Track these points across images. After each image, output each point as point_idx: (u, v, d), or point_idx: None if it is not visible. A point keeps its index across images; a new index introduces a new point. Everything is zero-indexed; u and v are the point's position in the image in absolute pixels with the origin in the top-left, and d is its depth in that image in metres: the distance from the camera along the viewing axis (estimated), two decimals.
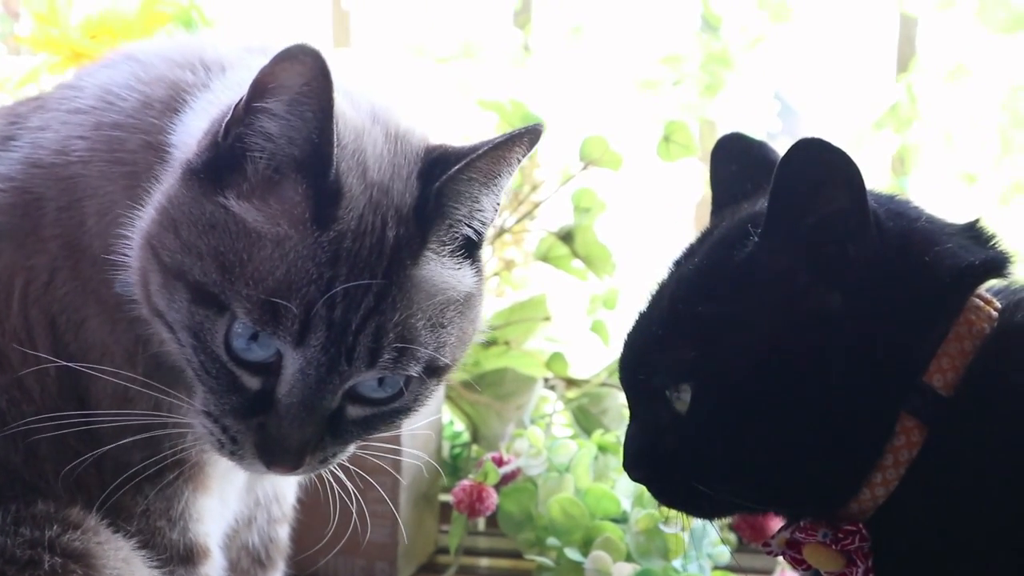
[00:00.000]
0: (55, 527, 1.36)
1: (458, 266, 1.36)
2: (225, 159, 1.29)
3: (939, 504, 1.17)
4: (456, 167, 1.31)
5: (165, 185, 1.32)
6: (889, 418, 1.19)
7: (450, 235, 1.35)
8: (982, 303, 1.22)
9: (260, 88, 1.26)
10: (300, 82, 1.23)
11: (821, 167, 1.16)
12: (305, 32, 1.39)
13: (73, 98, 1.46)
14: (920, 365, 1.19)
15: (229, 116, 1.28)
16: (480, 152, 1.31)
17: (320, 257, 1.25)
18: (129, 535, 1.43)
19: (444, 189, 1.32)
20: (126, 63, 1.48)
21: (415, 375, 1.33)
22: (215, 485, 1.52)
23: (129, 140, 1.40)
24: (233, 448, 1.32)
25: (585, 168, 2.22)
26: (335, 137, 1.25)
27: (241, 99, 1.27)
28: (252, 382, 1.29)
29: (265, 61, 1.27)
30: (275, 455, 1.30)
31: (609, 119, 2.52)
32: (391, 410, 1.37)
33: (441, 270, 1.34)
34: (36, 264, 1.42)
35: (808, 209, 1.18)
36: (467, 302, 1.37)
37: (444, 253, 1.35)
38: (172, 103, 1.41)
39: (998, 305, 1.23)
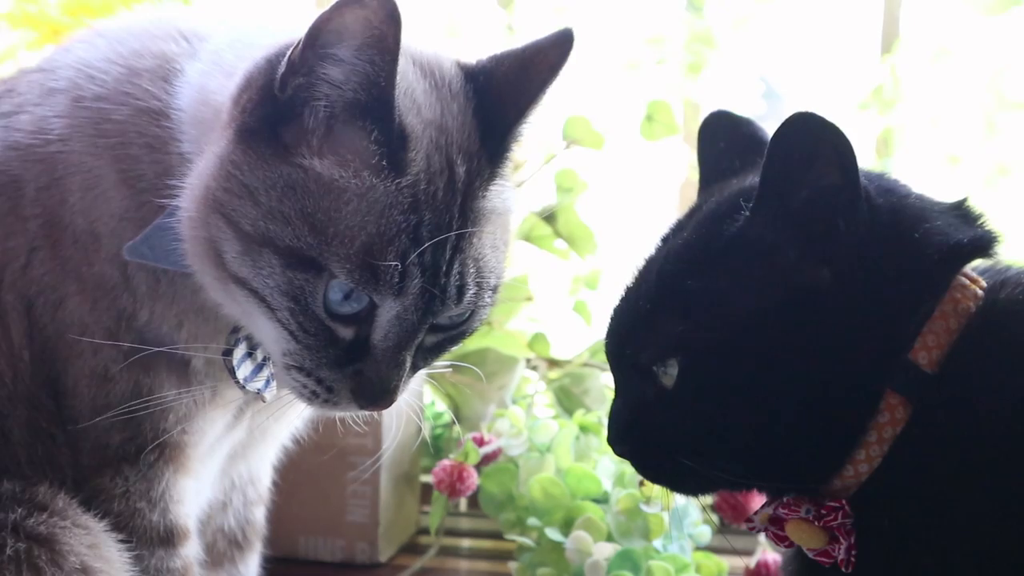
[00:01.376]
0: (20, 509, 1.34)
1: (506, 186, 1.40)
2: (284, 113, 1.28)
3: (922, 481, 1.17)
4: (529, 112, 1.37)
5: (216, 149, 1.31)
6: (874, 395, 1.18)
7: (506, 162, 1.39)
8: (968, 282, 1.21)
9: (323, 34, 1.24)
10: (369, 25, 1.22)
11: (814, 141, 1.16)
12: (286, 10, 1.39)
13: (45, 80, 1.45)
14: (906, 342, 1.18)
15: (284, 68, 1.27)
16: (546, 91, 1.36)
17: (403, 204, 1.26)
18: (107, 516, 1.42)
19: (515, 132, 1.37)
20: (100, 40, 1.47)
21: (491, 302, 1.37)
22: (195, 466, 1.50)
23: (116, 110, 1.39)
24: (328, 396, 1.32)
25: (568, 148, 2.22)
26: (397, 79, 1.25)
27: (295, 49, 1.26)
28: (346, 333, 1.29)
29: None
30: (374, 396, 1.31)
31: (592, 99, 2.51)
32: (459, 332, 1.39)
33: (501, 196, 1.38)
34: (13, 245, 1.41)
35: (800, 183, 1.18)
36: (509, 216, 1.42)
37: (501, 180, 1.38)
38: (160, 71, 1.40)
39: (984, 284, 1.22)
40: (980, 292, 1.21)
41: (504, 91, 1.36)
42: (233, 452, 1.62)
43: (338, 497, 2.02)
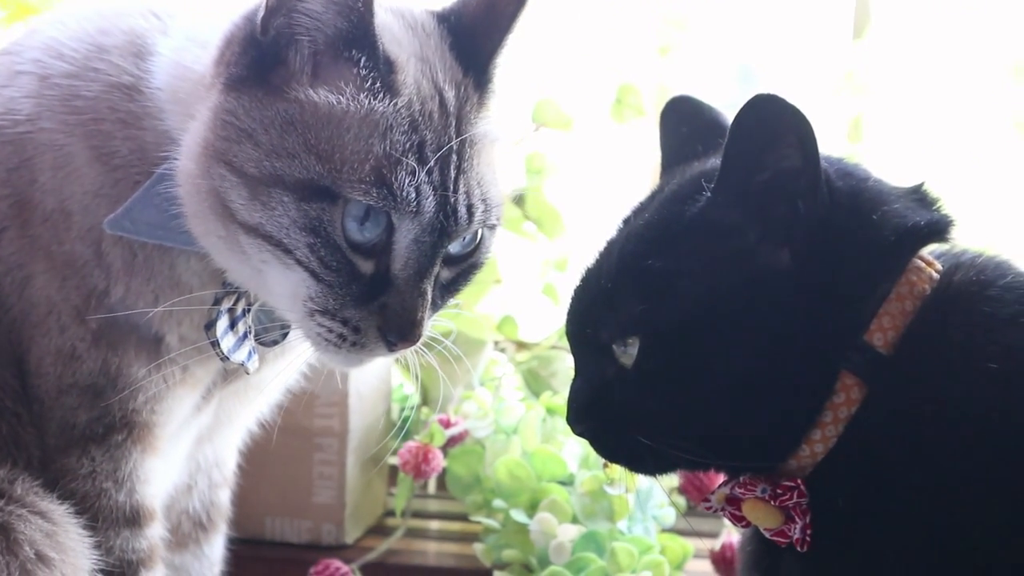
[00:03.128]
0: None
1: (492, 117, 1.43)
2: (269, 57, 1.30)
3: (876, 462, 1.18)
4: (504, 44, 1.41)
5: (207, 105, 1.32)
6: (830, 375, 1.20)
7: (490, 92, 1.43)
8: (924, 264, 1.23)
9: None
10: None
11: (776, 123, 1.17)
12: None
13: (11, 63, 1.45)
14: (862, 324, 1.20)
15: (263, 12, 1.29)
16: (517, 22, 1.41)
17: (403, 124, 1.29)
18: (72, 497, 1.42)
19: (494, 62, 1.42)
20: (68, 19, 1.48)
21: (497, 223, 1.41)
22: (163, 446, 1.50)
23: (86, 87, 1.40)
24: (355, 338, 1.33)
25: (537, 130, 2.22)
26: (375, 7, 1.27)
27: None
28: (366, 266, 1.30)
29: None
30: (401, 330, 1.32)
31: (562, 81, 2.51)
32: (469, 266, 1.42)
33: (489, 121, 1.41)
34: None
35: (761, 165, 1.19)
36: (498, 144, 1.45)
37: (488, 110, 1.42)
38: (131, 47, 1.41)
39: (939, 267, 1.24)
40: (935, 275, 1.22)
41: (476, 27, 1.41)
42: (200, 435, 1.62)
43: (305, 478, 2.01)
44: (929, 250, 1.26)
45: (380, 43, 1.29)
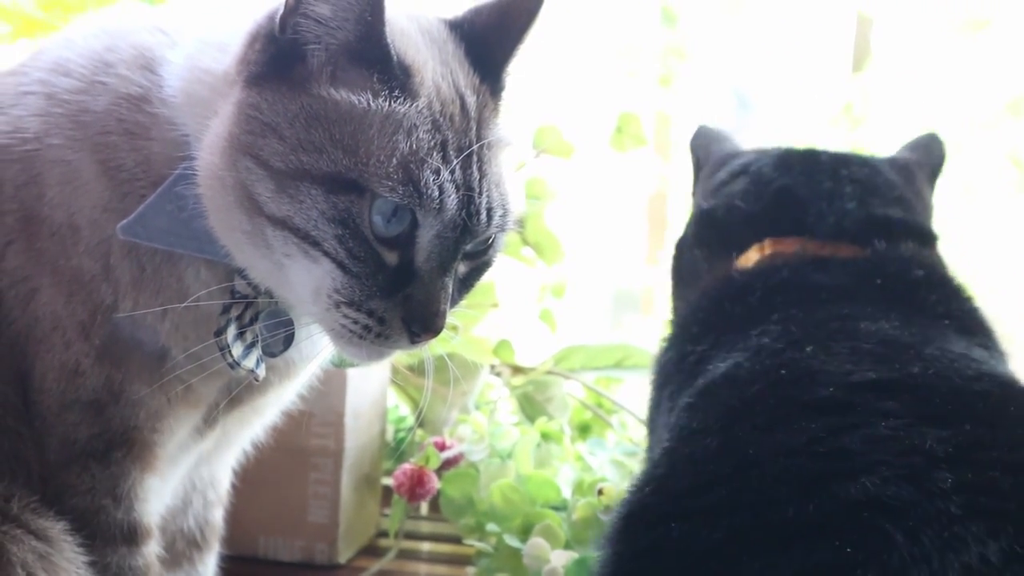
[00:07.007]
0: None
1: (503, 118, 1.45)
2: (286, 54, 1.31)
3: None
4: (516, 52, 1.45)
5: (230, 101, 1.33)
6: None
7: (502, 100, 1.45)
8: None
9: None
10: None
11: None
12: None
13: (19, 83, 1.45)
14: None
15: (282, 9, 1.30)
16: (528, 32, 1.44)
17: (426, 124, 1.31)
18: (71, 513, 1.41)
19: (507, 69, 1.45)
20: (75, 37, 1.49)
21: (511, 226, 1.43)
22: (162, 466, 1.50)
23: (93, 101, 1.40)
24: (380, 329, 1.33)
25: (537, 156, 2.23)
26: (385, 14, 1.29)
27: None
28: (391, 258, 1.31)
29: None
30: (425, 320, 1.33)
31: (563, 109, 2.53)
32: (482, 263, 1.44)
33: (504, 127, 1.43)
34: None
35: None
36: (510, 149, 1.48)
37: (500, 111, 1.44)
38: (139, 60, 1.42)
39: None
40: None
41: (489, 35, 1.43)
42: (199, 458, 1.62)
43: (299, 497, 2.02)
44: None
45: (393, 50, 1.31)
